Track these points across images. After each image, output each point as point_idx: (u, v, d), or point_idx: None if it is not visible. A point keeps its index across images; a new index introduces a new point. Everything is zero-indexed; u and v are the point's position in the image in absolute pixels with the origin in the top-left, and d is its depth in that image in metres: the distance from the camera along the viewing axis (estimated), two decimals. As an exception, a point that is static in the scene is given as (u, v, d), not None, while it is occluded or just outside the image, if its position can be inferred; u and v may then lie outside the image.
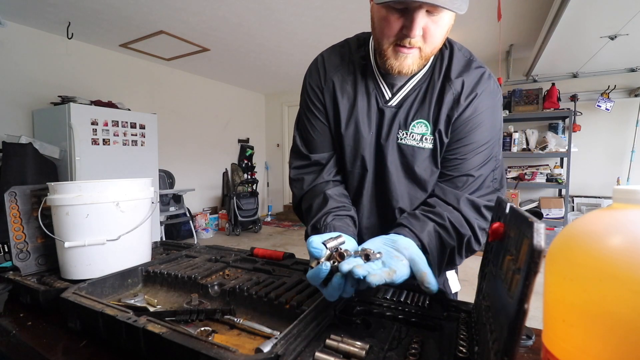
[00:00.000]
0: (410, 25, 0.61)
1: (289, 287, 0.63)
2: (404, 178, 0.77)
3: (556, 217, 3.91)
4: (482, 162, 0.73)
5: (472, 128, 0.72)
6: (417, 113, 0.74)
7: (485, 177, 0.73)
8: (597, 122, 3.97)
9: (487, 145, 0.73)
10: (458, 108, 0.72)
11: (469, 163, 0.73)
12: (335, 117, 0.79)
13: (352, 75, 0.78)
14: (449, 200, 0.71)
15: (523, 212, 0.35)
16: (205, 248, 0.93)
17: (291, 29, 3.44)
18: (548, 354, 0.32)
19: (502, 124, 0.77)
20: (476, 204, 0.70)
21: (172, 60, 4.41)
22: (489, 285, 0.45)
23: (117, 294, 0.70)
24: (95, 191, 0.74)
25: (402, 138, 0.75)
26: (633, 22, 2.40)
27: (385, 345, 0.47)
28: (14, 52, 3.22)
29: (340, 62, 0.80)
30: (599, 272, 0.28)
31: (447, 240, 0.68)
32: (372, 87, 0.77)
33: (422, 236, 0.64)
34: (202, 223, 4.93)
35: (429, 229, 0.66)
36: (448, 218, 0.68)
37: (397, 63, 0.67)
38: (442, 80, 0.73)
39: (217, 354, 0.40)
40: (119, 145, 3.41)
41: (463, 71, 0.73)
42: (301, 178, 0.82)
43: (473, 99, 0.71)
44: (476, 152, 0.73)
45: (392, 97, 0.76)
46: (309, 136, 0.82)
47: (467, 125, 0.72)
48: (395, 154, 0.76)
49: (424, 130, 0.74)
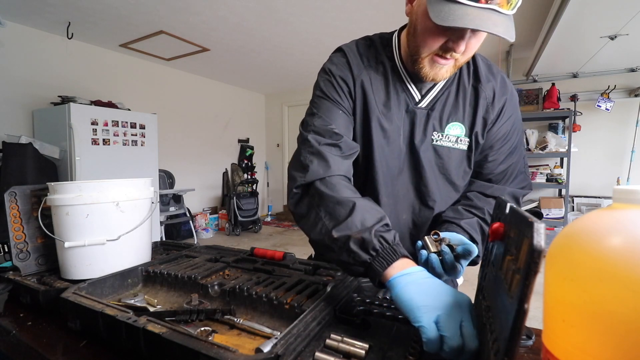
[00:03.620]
0: (458, 42, 0.62)
1: (289, 287, 0.63)
2: (439, 178, 0.79)
3: (556, 217, 3.91)
4: (516, 160, 0.81)
5: (507, 131, 0.78)
6: (451, 115, 0.76)
7: (518, 172, 0.82)
8: (597, 122, 3.97)
9: (518, 145, 0.81)
10: (492, 112, 0.77)
11: (506, 161, 0.80)
12: (365, 115, 0.77)
13: (383, 75, 0.77)
14: (493, 194, 0.79)
15: (523, 212, 0.35)
16: (205, 248, 0.93)
17: (291, 29, 3.44)
18: (548, 354, 0.32)
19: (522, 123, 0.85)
20: (516, 195, 0.79)
21: (172, 60, 4.41)
22: (489, 285, 0.45)
23: (117, 294, 0.70)
24: (95, 191, 0.74)
25: (437, 140, 0.76)
26: (633, 22, 2.40)
27: (385, 345, 0.47)
28: (14, 52, 3.22)
29: (369, 60, 0.79)
30: (599, 272, 0.28)
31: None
32: (400, 88, 0.77)
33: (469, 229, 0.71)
34: (202, 223, 4.93)
35: (471, 222, 0.72)
36: (488, 211, 0.75)
37: (432, 72, 0.68)
38: (472, 84, 0.77)
39: (217, 354, 0.40)
40: (119, 145, 3.40)
41: (489, 76, 0.77)
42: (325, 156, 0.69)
43: (504, 104, 0.77)
44: (511, 150, 0.80)
45: (421, 99, 0.76)
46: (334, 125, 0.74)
47: (502, 128, 0.78)
48: (432, 155, 0.77)
49: (459, 132, 0.77)
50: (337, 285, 0.62)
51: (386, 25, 3.67)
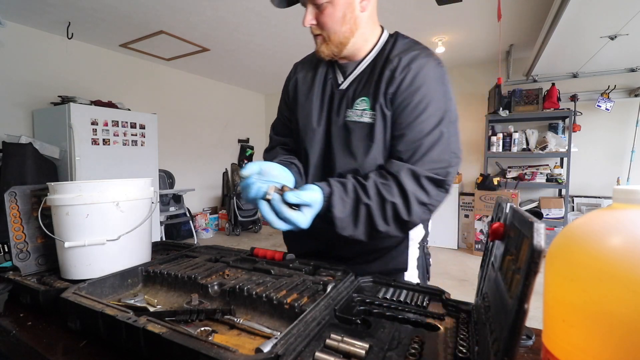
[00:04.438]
0: (303, 18, 0.77)
1: (289, 287, 0.63)
2: (344, 151, 0.83)
3: (556, 217, 3.91)
4: (426, 134, 0.73)
5: (412, 101, 0.75)
6: (361, 92, 0.82)
7: (430, 149, 0.73)
8: (597, 122, 3.97)
9: (431, 119, 0.74)
10: (394, 82, 0.77)
11: (413, 135, 0.74)
12: (295, 106, 0.92)
13: (314, 68, 0.91)
14: (391, 169, 0.74)
15: (523, 212, 0.35)
16: (205, 248, 0.93)
17: (291, 29, 3.44)
18: (548, 354, 0.32)
19: (450, 101, 0.77)
20: (417, 173, 0.71)
21: (172, 60, 4.41)
22: (489, 285, 0.45)
23: (117, 294, 0.70)
24: (95, 191, 0.74)
25: (349, 116, 0.82)
26: (633, 22, 2.40)
27: (385, 345, 0.47)
28: (14, 52, 3.22)
29: (310, 59, 0.94)
30: (598, 272, 0.28)
31: (362, 196, 0.70)
32: (329, 76, 0.88)
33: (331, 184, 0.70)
34: (202, 223, 4.93)
35: (344, 182, 0.72)
36: (374, 181, 0.72)
37: (317, 49, 0.82)
38: (383, 61, 0.81)
39: (217, 354, 0.40)
40: (119, 145, 3.40)
41: (402, 51, 0.79)
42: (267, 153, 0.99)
43: (407, 73, 0.76)
44: (419, 124, 0.74)
45: (343, 81, 0.85)
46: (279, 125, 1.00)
47: (406, 99, 0.76)
48: (342, 131, 0.83)
49: (365, 106, 0.80)
50: (337, 285, 0.62)
51: (386, 25, 3.68)
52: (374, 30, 0.84)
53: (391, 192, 0.70)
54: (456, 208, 4.41)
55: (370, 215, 0.70)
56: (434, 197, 0.71)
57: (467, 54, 4.22)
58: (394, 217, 0.70)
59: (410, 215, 0.70)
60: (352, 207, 0.70)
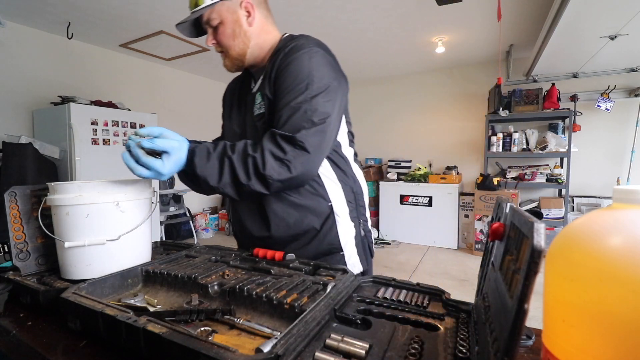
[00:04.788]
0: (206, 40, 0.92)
1: (289, 287, 0.63)
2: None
3: (556, 217, 3.91)
4: (286, 104, 0.81)
5: (281, 78, 0.85)
6: (259, 88, 0.94)
7: (289, 118, 0.80)
8: (597, 122, 3.97)
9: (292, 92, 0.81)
10: (274, 68, 0.88)
11: (279, 107, 0.83)
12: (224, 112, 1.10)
13: (241, 81, 1.07)
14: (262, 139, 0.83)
15: (523, 212, 0.35)
16: (205, 248, 0.93)
17: (291, 28, 3.44)
18: (548, 354, 0.32)
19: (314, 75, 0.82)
20: (273, 133, 0.79)
21: (172, 60, 4.41)
22: (489, 285, 0.45)
23: (117, 294, 0.70)
24: (95, 191, 0.74)
25: (254, 112, 0.93)
26: (633, 22, 2.40)
27: (385, 345, 0.47)
28: (14, 52, 3.22)
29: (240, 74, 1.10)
30: (598, 272, 0.28)
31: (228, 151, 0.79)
32: (246, 84, 1.04)
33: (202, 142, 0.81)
34: (202, 223, 4.93)
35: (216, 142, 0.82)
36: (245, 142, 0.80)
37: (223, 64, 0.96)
38: (275, 58, 0.90)
39: (217, 354, 0.40)
40: (119, 145, 3.40)
41: (287, 44, 0.90)
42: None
43: (284, 57, 0.86)
44: (284, 97, 0.82)
45: (254, 85, 0.99)
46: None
47: (278, 78, 0.86)
48: (253, 128, 0.95)
49: (260, 99, 0.92)
50: (337, 285, 0.62)
51: (386, 25, 3.66)
52: (268, 37, 0.95)
53: (254, 149, 0.78)
54: (456, 208, 4.41)
55: (233, 167, 0.77)
56: (289, 153, 0.77)
57: (467, 54, 4.23)
58: (254, 171, 0.77)
59: (266, 168, 0.76)
60: (218, 160, 0.78)
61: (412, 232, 4.67)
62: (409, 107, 5.19)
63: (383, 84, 5.35)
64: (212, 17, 0.88)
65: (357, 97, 5.48)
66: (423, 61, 4.54)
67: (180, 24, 0.92)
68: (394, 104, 5.30)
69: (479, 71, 4.58)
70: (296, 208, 0.91)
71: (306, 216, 0.91)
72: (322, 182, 0.93)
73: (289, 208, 0.91)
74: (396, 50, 4.08)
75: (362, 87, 5.50)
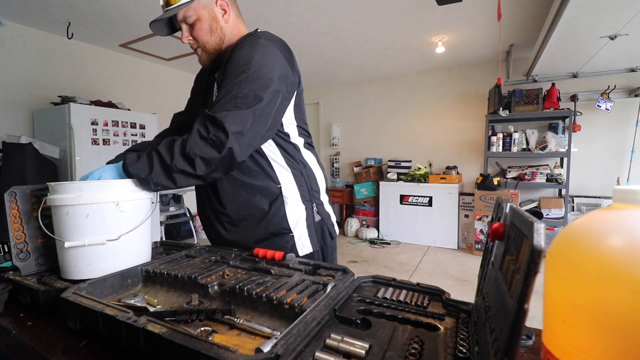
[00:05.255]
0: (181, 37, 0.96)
1: (289, 287, 0.63)
2: None
3: (556, 217, 3.91)
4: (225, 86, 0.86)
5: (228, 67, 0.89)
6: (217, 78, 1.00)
7: (219, 101, 0.84)
8: (597, 122, 3.97)
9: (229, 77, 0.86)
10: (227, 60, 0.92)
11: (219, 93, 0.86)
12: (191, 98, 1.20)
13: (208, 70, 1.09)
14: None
15: (523, 212, 0.35)
16: (205, 248, 0.93)
17: (290, 28, 3.44)
18: (548, 354, 0.32)
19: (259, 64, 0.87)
20: (202, 113, 0.83)
21: (172, 60, 4.41)
22: (489, 285, 0.45)
23: (117, 294, 0.70)
24: (95, 191, 0.74)
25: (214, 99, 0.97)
26: (633, 22, 2.40)
27: (385, 345, 0.47)
28: (14, 52, 3.22)
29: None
30: (599, 273, 0.28)
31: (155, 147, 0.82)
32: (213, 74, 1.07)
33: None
34: (202, 223, 4.92)
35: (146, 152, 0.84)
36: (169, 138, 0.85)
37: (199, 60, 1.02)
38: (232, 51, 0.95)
39: (217, 354, 0.40)
40: (119, 145, 3.40)
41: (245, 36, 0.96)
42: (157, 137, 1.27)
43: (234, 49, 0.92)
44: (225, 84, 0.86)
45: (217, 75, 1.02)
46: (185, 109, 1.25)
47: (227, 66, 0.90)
48: None
49: (216, 87, 0.99)
50: (337, 285, 0.62)
51: (385, 25, 3.66)
52: (240, 33, 1.01)
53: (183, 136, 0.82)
54: (456, 208, 4.41)
55: (159, 154, 0.81)
56: (212, 132, 0.79)
57: (467, 54, 4.23)
58: (180, 150, 0.80)
59: (188, 144, 0.79)
60: (147, 155, 0.82)
61: (412, 232, 4.67)
62: (409, 107, 5.19)
63: (383, 83, 5.35)
64: (188, 15, 0.93)
65: (357, 97, 5.48)
66: (423, 61, 4.54)
67: (155, 22, 0.95)
68: (394, 104, 5.30)
69: (479, 71, 4.57)
70: (245, 187, 0.96)
71: (255, 196, 0.96)
72: (272, 165, 0.98)
73: (238, 188, 0.96)
74: (396, 50, 4.08)
75: (363, 86, 5.50)
